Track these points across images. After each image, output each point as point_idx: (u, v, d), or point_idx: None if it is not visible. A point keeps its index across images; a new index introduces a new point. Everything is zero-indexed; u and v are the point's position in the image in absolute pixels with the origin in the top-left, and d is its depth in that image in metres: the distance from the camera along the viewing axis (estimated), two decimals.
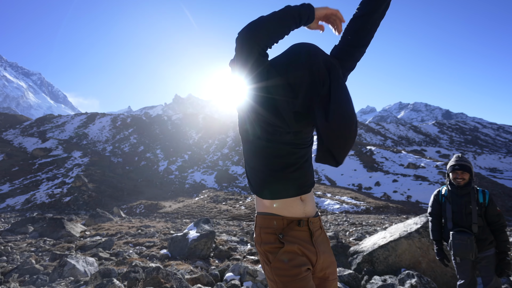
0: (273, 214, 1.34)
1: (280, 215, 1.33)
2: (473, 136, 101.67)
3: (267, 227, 1.33)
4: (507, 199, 29.75)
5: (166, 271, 3.98)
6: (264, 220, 1.35)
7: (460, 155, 3.18)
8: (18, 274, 4.85)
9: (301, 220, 1.32)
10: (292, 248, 1.28)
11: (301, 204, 1.34)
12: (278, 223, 1.32)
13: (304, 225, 1.33)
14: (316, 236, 1.37)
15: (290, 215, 1.33)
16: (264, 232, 1.34)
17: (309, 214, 1.36)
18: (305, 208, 1.35)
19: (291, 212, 1.33)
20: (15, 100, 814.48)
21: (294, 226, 1.31)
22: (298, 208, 1.33)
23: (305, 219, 1.33)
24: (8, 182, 39.01)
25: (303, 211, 1.34)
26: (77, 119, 76.91)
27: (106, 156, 55.25)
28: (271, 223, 1.33)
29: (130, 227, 12.59)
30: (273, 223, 1.32)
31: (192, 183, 46.68)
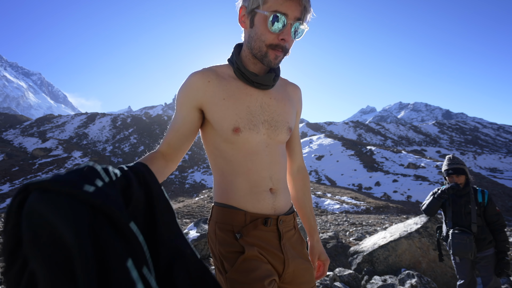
0: (232, 207, 1.09)
1: (242, 209, 1.08)
2: (473, 136, 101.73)
3: (223, 222, 1.10)
4: (507, 199, 29.78)
5: None
6: (221, 212, 1.11)
7: (451, 157, 3.16)
8: None
9: (269, 219, 1.08)
10: (253, 254, 1.03)
11: (271, 197, 1.10)
12: (239, 219, 1.07)
13: (271, 225, 1.08)
14: (287, 238, 1.12)
15: (255, 210, 1.08)
16: (220, 229, 1.10)
17: (279, 210, 1.12)
18: (275, 202, 1.11)
19: (256, 206, 1.08)
20: (15, 100, 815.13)
21: (258, 225, 1.07)
22: (266, 201, 1.09)
23: (274, 217, 1.09)
24: (8, 182, 39.06)
25: (272, 206, 1.10)
26: (77, 119, 76.99)
27: (106, 156, 55.30)
28: (230, 218, 1.09)
29: None
30: (232, 218, 1.08)
31: (192, 183, 46.73)
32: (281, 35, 1.00)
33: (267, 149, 1.11)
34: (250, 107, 1.09)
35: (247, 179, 1.10)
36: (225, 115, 1.06)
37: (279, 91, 1.19)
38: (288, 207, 1.18)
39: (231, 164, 1.11)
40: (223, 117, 1.06)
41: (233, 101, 1.07)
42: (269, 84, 1.12)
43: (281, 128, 1.14)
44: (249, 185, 1.09)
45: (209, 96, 1.07)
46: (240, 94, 1.09)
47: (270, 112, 1.12)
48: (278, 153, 1.16)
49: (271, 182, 1.11)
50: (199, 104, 1.09)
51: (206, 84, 1.07)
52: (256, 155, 1.10)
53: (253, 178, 1.09)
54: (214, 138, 1.12)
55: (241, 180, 1.10)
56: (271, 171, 1.12)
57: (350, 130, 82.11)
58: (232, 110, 1.06)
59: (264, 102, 1.12)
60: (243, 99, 1.09)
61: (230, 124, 1.05)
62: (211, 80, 1.08)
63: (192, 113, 1.09)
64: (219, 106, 1.07)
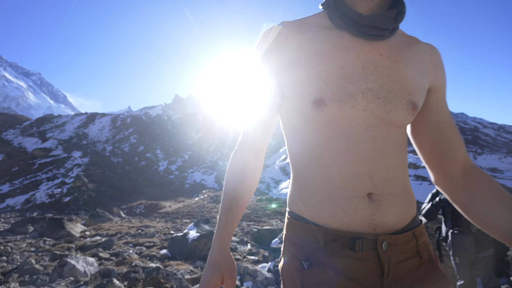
0: (302, 219, 0.76)
1: (315, 223, 0.73)
2: (473, 136, 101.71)
3: (290, 240, 0.78)
4: None
5: (166, 271, 3.99)
6: (290, 226, 0.80)
7: None
8: (18, 274, 4.85)
9: (359, 239, 0.68)
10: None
11: (369, 206, 0.70)
12: (308, 237, 0.73)
13: (365, 249, 0.68)
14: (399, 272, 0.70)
15: (337, 225, 0.71)
16: (288, 248, 0.78)
17: (383, 227, 0.71)
18: (377, 215, 0.70)
19: (341, 219, 0.71)
20: (15, 100, 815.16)
21: (341, 248, 0.69)
22: (359, 213, 0.70)
23: (371, 236, 0.69)
24: (8, 182, 39.02)
25: (371, 220, 0.70)
26: (77, 119, 76.96)
27: (106, 156, 55.28)
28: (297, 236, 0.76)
29: (130, 227, 12.60)
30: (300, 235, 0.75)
31: (192, 183, 46.70)
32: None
33: (367, 133, 0.72)
34: (345, 67, 0.71)
35: (329, 176, 0.72)
36: (304, 80, 0.72)
37: (398, 47, 0.76)
38: (404, 223, 0.74)
39: (308, 152, 0.76)
40: (302, 83, 0.73)
41: (320, 59, 0.72)
42: (387, 28, 0.72)
43: (396, 102, 0.72)
44: (331, 185, 0.72)
45: (287, 57, 0.76)
46: (331, 49, 0.73)
47: (378, 75, 0.72)
48: (388, 141, 0.74)
49: (371, 184, 0.71)
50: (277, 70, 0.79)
51: (283, 43, 0.77)
52: (348, 140, 0.72)
53: (339, 174, 0.72)
54: (289, 115, 0.80)
55: (319, 177, 0.74)
56: (373, 167, 0.71)
57: None
58: (316, 73, 0.71)
59: (369, 61, 0.73)
60: (335, 56, 0.72)
61: (310, 93, 0.71)
62: (290, 36, 0.77)
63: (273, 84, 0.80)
64: (298, 69, 0.74)
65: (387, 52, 0.74)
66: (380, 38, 0.73)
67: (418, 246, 0.74)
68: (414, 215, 0.78)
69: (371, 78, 0.72)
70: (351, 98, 0.70)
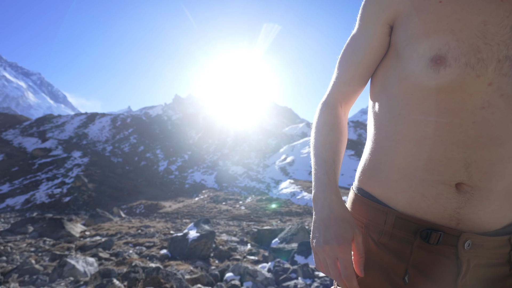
0: (372, 198, 0.69)
1: (386, 204, 0.66)
2: None
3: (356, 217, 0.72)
4: None
5: (166, 271, 3.98)
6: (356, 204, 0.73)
7: None
8: (18, 274, 4.85)
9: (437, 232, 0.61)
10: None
11: (456, 197, 0.60)
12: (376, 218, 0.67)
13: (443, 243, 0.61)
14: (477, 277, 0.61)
15: (412, 211, 0.63)
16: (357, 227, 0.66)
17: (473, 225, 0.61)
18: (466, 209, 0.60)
19: (419, 205, 0.62)
20: (15, 100, 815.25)
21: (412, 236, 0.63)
22: (441, 202, 0.61)
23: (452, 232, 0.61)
24: (8, 182, 39.02)
25: (456, 213, 0.61)
26: (77, 119, 76.96)
27: (106, 156, 55.29)
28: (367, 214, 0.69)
29: (130, 227, 12.60)
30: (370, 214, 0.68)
31: (192, 183, 46.70)
32: None
33: (480, 114, 0.58)
34: (488, 23, 0.56)
35: (415, 154, 0.63)
36: (430, 30, 0.59)
37: None
38: (501, 225, 0.62)
39: (397, 121, 0.65)
40: (425, 32, 0.59)
41: (457, 6, 0.57)
42: None
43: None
44: (414, 164, 0.63)
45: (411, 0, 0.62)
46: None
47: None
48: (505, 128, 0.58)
49: (465, 173, 0.59)
50: (393, 15, 0.65)
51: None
52: (453, 117, 0.59)
53: (428, 154, 0.61)
54: (388, 75, 0.68)
55: (402, 153, 0.64)
56: (473, 155, 0.59)
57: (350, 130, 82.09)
58: (448, 22, 0.57)
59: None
60: (480, 5, 0.56)
61: (430, 46, 0.58)
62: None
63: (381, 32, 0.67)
64: (425, 13, 0.60)
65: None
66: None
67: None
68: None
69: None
70: (482, 64, 0.56)
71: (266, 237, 8.16)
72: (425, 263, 0.62)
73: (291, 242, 6.43)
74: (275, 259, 5.17)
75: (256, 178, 46.86)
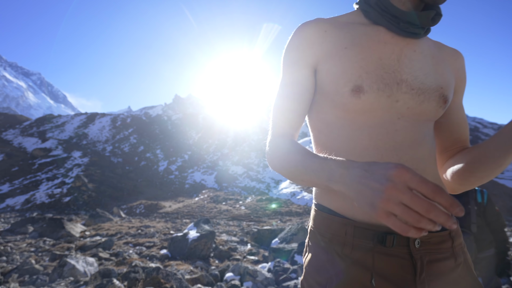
0: (331, 212, 0.75)
1: (343, 216, 0.73)
2: (473, 136, 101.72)
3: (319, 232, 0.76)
4: (507, 199, 29.79)
5: (166, 271, 3.98)
6: (318, 218, 0.78)
7: None
8: (18, 274, 4.85)
9: (391, 234, 0.67)
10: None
11: None
12: (336, 231, 0.72)
13: (397, 245, 0.68)
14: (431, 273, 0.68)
15: (365, 218, 0.70)
16: (314, 242, 0.77)
17: None
18: None
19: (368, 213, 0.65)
20: (15, 100, 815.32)
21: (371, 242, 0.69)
22: None
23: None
24: (8, 182, 39.01)
25: None
26: (77, 119, 76.97)
27: (106, 156, 55.28)
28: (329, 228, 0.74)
29: (130, 227, 12.60)
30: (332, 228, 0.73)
31: (192, 183, 46.70)
32: None
33: (399, 123, 0.73)
34: (382, 58, 0.74)
35: None
36: (345, 69, 0.73)
37: (429, 46, 0.81)
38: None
39: (337, 143, 0.77)
40: (343, 72, 0.73)
41: (359, 50, 0.75)
42: (423, 26, 0.75)
43: (429, 94, 0.75)
44: None
45: (327, 48, 0.77)
46: (369, 42, 0.76)
47: (412, 68, 0.75)
48: (418, 132, 0.75)
49: None
50: (315, 61, 0.78)
51: (322, 35, 0.78)
52: (380, 128, 0.73)
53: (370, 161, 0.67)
54: (321, 107, 0.80)
55: None
56: (403, 156, 0.72)
57: None
58: (356, 62, 0.73)
59: (404, 55, 0.76)
60: (374, 47, 0.75)
61: (349, 80, 0.72)
62: (328, 29, 0.78)
63: (310, 76, 0.79)
64: (338, 58, 0.75)
65: (420, 49, 0.78)
66: (415, 36, 0.76)
67: (454, 247, 0.72)
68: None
69: (406, 70, 0.75)
70: (388, 87, 0.72)
71: (266, 237, 8.16)
72: (386, 268, 0.67)
73: (291, 242, 6.43)
74: (275, 259, 5.17)
75: (256, 178, 46.86)
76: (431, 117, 0.77)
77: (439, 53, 0.83)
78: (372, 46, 0.75)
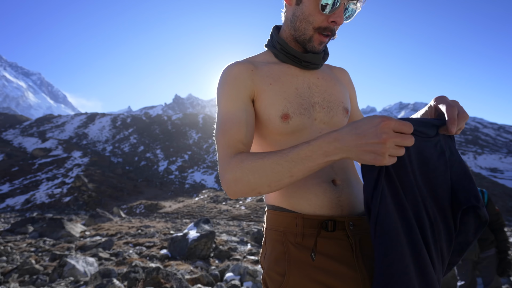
0: (283, 209, 0.90)
1: (292, 211, 0.88)
2: (473, 136, 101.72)
3: (273, 228, 0.91)
4: (507, 199, 29.79)
5: (166, 271, 3.98)
6: (271, 217, 0.93)
7: None
8: (18, 274, 4.85)
9: (331, 221, 0.83)
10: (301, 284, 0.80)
11: (334, 190, 0.87)
12: (289, 224, 0.87)
13: (337, 229, 0.83)
14: (363, 249, 0.83)
15: (312, 209, 0.86)
16: (271, 238, 0.91)
17: (349, 209, 0.87)
18: (341, 198, 0.87)
19: (314, 203, 0.86)
20: (15, 100, 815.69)
21: (316, 229, 0.83)
22: (327, 196, 0.86)
23: (341, 219, 0.84)
24: (8, 182, 39.03)
25: (338, 203, 0.86)
26: (77, 119, 77.00)
27: (106, 156, 55.28)
28: (279, 224, 0.89)
29: (130, 227, 12.60)
30: (281, 223, 0.88)
31: (192, 183, 46.72)
32: (332, 16, 0.86)
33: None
34: (298, 88, 0.94)
35: None
36: (273, 101, 0.91)
37: (326, 72, 1.04)
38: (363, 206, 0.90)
39: None
40: (272, 104, 0.91)
41: (280, 84, 0.93)
42: (319, 63, 0.98)
43: (336, 109, 0.97)
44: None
45: (257, 84, 0.93)
46: (286, 77, 0.95)
47: (320, 92, 0.97)
48: None
49: (332, 172, 0.89)
50: (251, 94, 0.93)
51: (250, 73, 0.94)
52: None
53: None
54: (261, 132, 0.96)
55: None
56: (334, 164, 0.91)
57: None
58: (280, 94, 0.92)
59: (312, 83, 0.97)
60: (290, 81, 0.94)
61: (278, 110, 0.90)
62: (254, 69, 0.95)
63: (250, 104, 0.93)
64: (266, 93, 0.92)
65: (321, 76, 1.00)
66: (315, 68, 0.99)
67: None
68: None
69: (316, 94, 0.96)
70: (307, 111, 0.92)
71: None
72: (330, 249, 0.82)
73: None
74: None
75: None
76: (341, 125, 0.98)
77: (333, 74, 1.08)
78: (288, 80, 0.95)
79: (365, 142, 0.66)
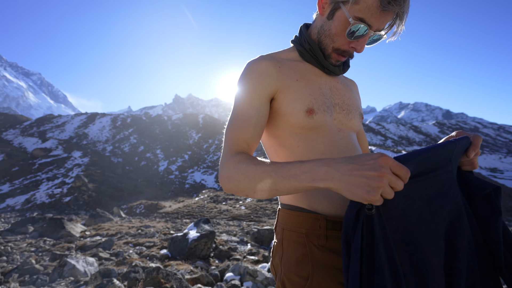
0: (303, 210, 0.90)
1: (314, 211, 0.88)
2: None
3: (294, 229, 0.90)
4: (507, 199, 29.77)
5: (166, 271, 3.98)
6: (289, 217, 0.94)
7: None
8: (18, 274, 4.85)
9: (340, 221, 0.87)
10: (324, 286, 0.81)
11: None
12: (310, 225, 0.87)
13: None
14: None
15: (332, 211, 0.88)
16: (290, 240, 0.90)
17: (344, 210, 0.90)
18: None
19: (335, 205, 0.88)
20: (15, 100, 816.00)
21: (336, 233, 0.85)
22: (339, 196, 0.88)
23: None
24: (8, 182, 39.02)
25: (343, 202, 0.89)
26: (77, 119, 77.00)
27: (106, 156, 55.27)
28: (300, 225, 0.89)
29: (130, 227, 12.60)
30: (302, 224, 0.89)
31: (192, 183, 46.72)
32: (354, 43, 0.91)
33: (339, 134, 0.98)
34: (321, 88, 0.98)
35: None
36: (298, 96, 0.94)
37: (344, 80, 1.11)
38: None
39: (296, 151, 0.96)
40: (297, 98, 0.94)
41: (306, 81, 0.97)
42: (338, 73, 1.04)
43: (354, 113, 1.02)
44: None
45: (283, 80, 0.96)
46: (310, 75, 1.00)
47: (340, 95, 1.01)
48: (353, 140, 1.02)
49: None
50: (273, 92, 0.96)
51: (278, 70, 0.96)
52: (330, 138, 0.96)
53: None
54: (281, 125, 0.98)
55: None
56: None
57: None
58: (306, 90, 0.95)
59: (333, 85, 1.02)
60: (314, 80, 0.99)
61: (303, 105, 0.93)
62: (281, 65, 0.98)
63: (266, 103, 0.95)
64: (292, 88, 0.95)
65: (340, 82, 1.06)
66: (336, 75, 1.04)
67: None
68: None
69: (336, 96, 1.01)
70: (329, 109, 0.97)
71: (266, 237, 8.16)
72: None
73: None
74: None
75: None
76: (356, 130, 1.05)
77: (348, 83, 1.12)
78: (313, 78, 0.99)
79: (361, 173, 0.63)
